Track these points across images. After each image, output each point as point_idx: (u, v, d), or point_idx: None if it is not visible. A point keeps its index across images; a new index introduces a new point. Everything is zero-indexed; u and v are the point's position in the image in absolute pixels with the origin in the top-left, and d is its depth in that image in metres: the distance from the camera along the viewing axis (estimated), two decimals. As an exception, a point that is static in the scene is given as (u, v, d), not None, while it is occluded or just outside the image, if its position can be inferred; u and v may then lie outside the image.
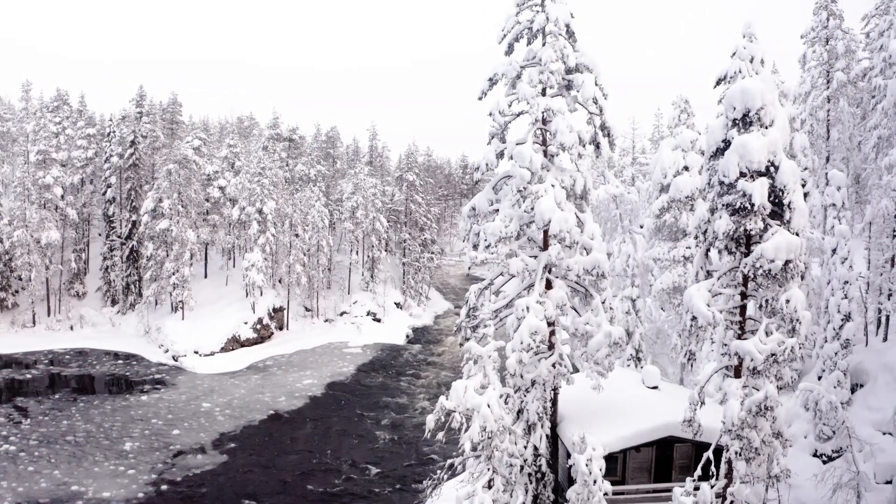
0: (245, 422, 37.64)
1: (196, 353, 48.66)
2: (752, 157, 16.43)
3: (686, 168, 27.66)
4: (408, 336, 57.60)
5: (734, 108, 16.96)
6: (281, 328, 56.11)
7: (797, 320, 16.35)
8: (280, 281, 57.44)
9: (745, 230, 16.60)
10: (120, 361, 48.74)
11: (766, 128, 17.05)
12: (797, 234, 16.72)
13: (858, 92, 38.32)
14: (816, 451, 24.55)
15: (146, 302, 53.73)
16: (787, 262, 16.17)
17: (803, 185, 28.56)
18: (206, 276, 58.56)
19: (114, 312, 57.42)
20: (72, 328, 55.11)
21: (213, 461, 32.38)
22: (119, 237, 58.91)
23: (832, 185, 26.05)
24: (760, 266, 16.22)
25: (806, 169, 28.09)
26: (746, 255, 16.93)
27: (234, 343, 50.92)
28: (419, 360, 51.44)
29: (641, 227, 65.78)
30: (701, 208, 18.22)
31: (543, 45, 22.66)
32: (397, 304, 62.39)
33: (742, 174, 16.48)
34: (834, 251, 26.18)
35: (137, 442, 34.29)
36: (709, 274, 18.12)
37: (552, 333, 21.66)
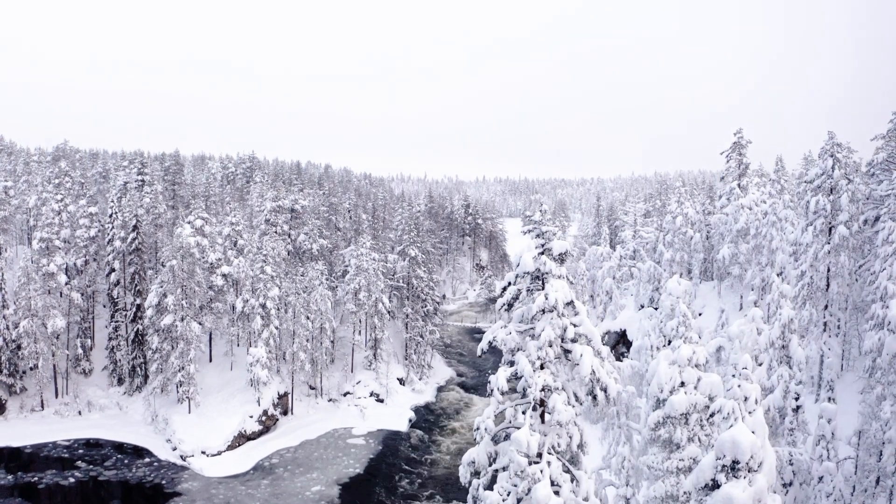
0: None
1: (203, 452, 49.85)
2: (737, 512, 17.30)
3: (682, 384, 28.14)
4: (410, 420, 58.80)
5: (724, 455, 17.90)
6: (286, 413, 57.29)
7: None
8: (285, 361, 58.34)
9: (732, 577, 17.77)
10: (143, 460, 49.03)
11: (754, 472, 17.98)
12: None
13: (861, 241, 38.43)
14: None
15: (153, 392, 54.80)
16: None
17: (796, 399, 29.13)
18: (210, 360, 59.48)
19: (120, 394, 58.59)
20: (80, 413, 56.31)
21: None
22: (124, 318, 59.65)
23: (824, 417, 26.66)
24: None
25: (801, 383, 28.59)
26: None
27: (241, 439, 52.13)
28: (423, 452, 52.70)
29: (642, 306, 65.12)
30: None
31: (543, 313, 23.15)
32: (400, 380, 63.43)
33: (729, 524, 17.49)
34: (821, 479, 27.00)
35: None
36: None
37: None
